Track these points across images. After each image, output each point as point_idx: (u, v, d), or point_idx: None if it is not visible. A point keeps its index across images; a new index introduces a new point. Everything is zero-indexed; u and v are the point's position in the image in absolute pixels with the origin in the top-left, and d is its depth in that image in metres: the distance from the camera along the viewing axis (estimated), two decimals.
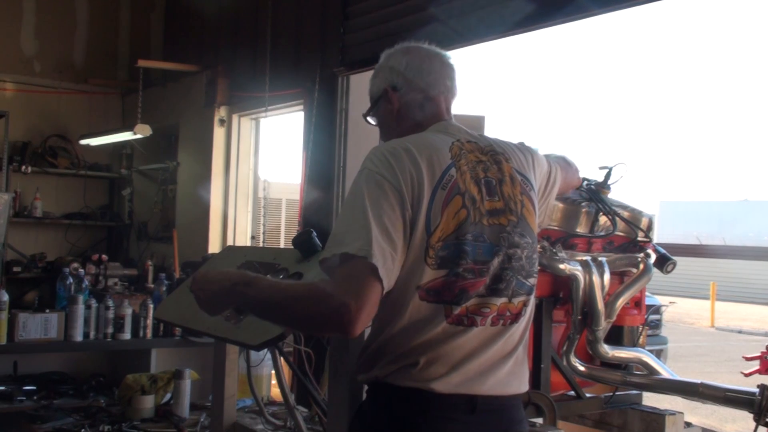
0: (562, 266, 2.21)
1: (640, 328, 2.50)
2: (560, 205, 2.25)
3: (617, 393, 2.40)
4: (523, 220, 1.71)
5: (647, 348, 2.50)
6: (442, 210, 1.61)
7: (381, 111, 1.85)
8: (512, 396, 1.70)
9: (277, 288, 1.62)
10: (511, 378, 1.69)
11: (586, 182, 2.41)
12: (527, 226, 1.72)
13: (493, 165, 1.72)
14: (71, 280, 3.95)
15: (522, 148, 1.85)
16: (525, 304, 1.71)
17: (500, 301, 1.65)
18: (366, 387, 1.75)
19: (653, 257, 2.41)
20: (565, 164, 2.15)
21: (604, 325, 2.27)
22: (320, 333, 1.65)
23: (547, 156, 2.02)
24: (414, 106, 1.80)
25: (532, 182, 1.79)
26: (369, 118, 1.90)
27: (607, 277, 2.28)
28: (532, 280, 1.73)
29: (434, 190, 1.61)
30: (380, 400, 1.67)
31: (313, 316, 1.52)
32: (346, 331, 1.49)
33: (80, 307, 3.80)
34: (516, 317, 1.69)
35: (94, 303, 3.88)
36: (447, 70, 1.82)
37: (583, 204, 2.30)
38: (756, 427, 1.99)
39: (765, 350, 2.94)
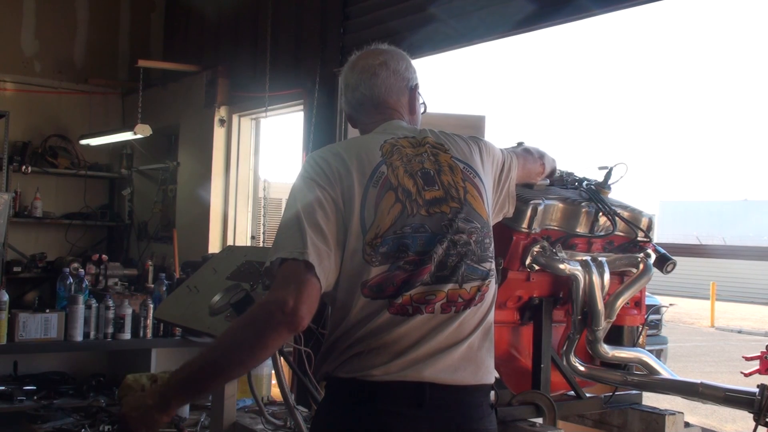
0: (561, 266, 2.20)
1: (640, 328, 2.49)
2: (560, 205, 2.25)
3: (617, 393, 2.39)
4: (467, 206, 1.72)
5: (647, 348, 2.50)
6: (376, 206, 1.64)
7: None
8: (467, 389, 1.66)
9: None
10: (465, 363, 1.66)
11: (586, 182, 2.42)
12: (473, 211, 1.73)
13: (430, 157, 1.76)
14: (71, 280, 3.96)
15: (467, 138, 1.88)
16: (480, 290, 1.70)
17: (448, 287, 1.65)
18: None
19: (653, 257, 2.40)
20: (523, 152, 2.19)
21: (604, 325, 2.27)
22: (274, 340, 1.54)
23: (511, 149, 2.13)
24: (352, 118, 1.94)
25: (476, 170, 1.81)
26: None
27: (607, 277, 2.28)
28: (487, 265, 1.73)
29: (366, 188, 1.66)
30: (328, 394, 1.69)
31: (260, 325, 1.53)
32: (290, 327, 1.51)
33: (80, 307, 3.81)
34: (469, 303, 1.68)
35: (94, 303, 3.89)
36: (365, 76, 1.86)
37: (582, 204, 2.29)
38: (756, 427, 1.99)
39: (765, 350, 2.93)
